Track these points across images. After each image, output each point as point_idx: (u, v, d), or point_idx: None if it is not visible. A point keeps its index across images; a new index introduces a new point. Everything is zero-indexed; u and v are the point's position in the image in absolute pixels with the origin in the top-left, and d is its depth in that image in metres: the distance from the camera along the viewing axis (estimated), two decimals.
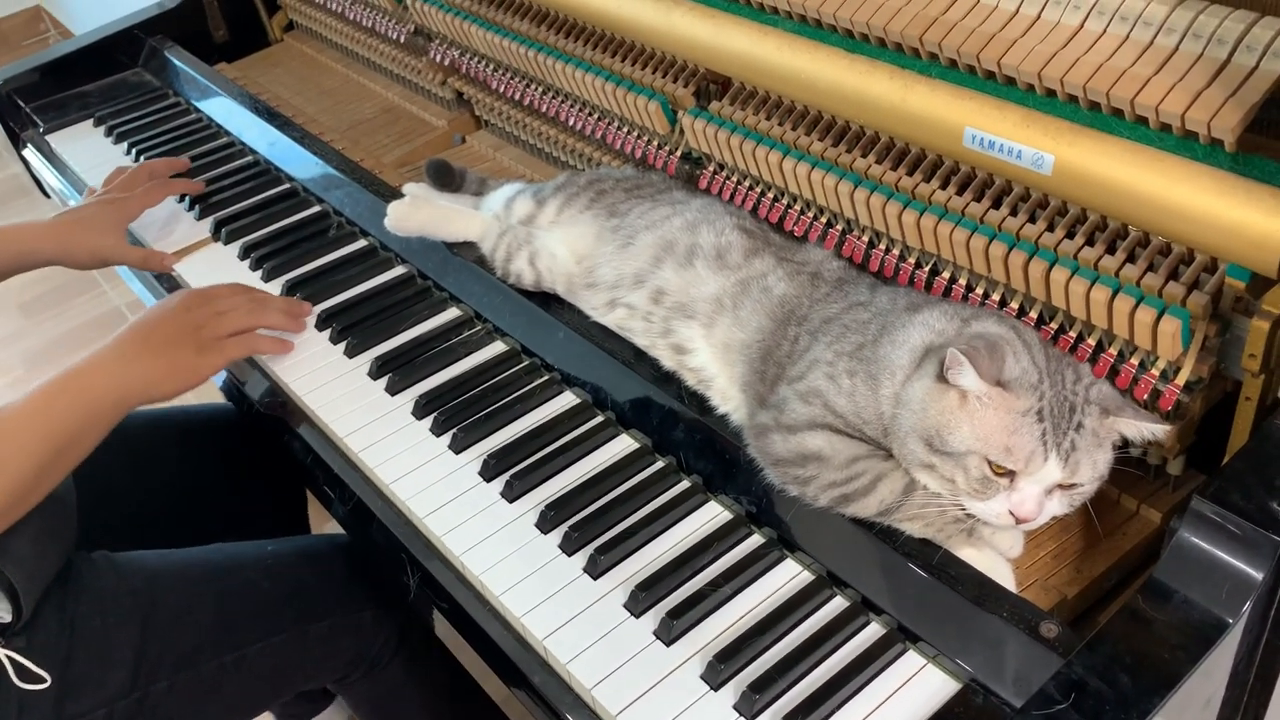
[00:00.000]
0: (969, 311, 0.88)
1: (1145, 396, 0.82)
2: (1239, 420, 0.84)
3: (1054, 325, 0.87)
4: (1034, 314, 0.88)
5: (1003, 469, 0.79)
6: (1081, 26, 0.78)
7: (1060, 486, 0.80)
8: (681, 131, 1.11)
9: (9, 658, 0.96)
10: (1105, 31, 0.77)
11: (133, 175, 1.42)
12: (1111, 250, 0.81)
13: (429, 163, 1.29)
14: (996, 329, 0.84)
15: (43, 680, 0.98)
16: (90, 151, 1.64)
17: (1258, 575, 0.70)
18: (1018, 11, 0.81)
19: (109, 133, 1.67)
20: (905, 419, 0.83)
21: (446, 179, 1.29)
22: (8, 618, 0.96)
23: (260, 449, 1.37)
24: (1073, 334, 0.86)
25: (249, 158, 1.55)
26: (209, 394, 1.42)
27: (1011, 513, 0.80)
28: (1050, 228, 0.83)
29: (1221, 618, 0.71)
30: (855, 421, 0.86)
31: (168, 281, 1.37)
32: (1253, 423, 0.82)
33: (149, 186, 1.40)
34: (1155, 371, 0.82)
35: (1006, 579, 0.82)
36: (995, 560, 0.83)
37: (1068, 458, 0.79)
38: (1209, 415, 0.86)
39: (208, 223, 1.42)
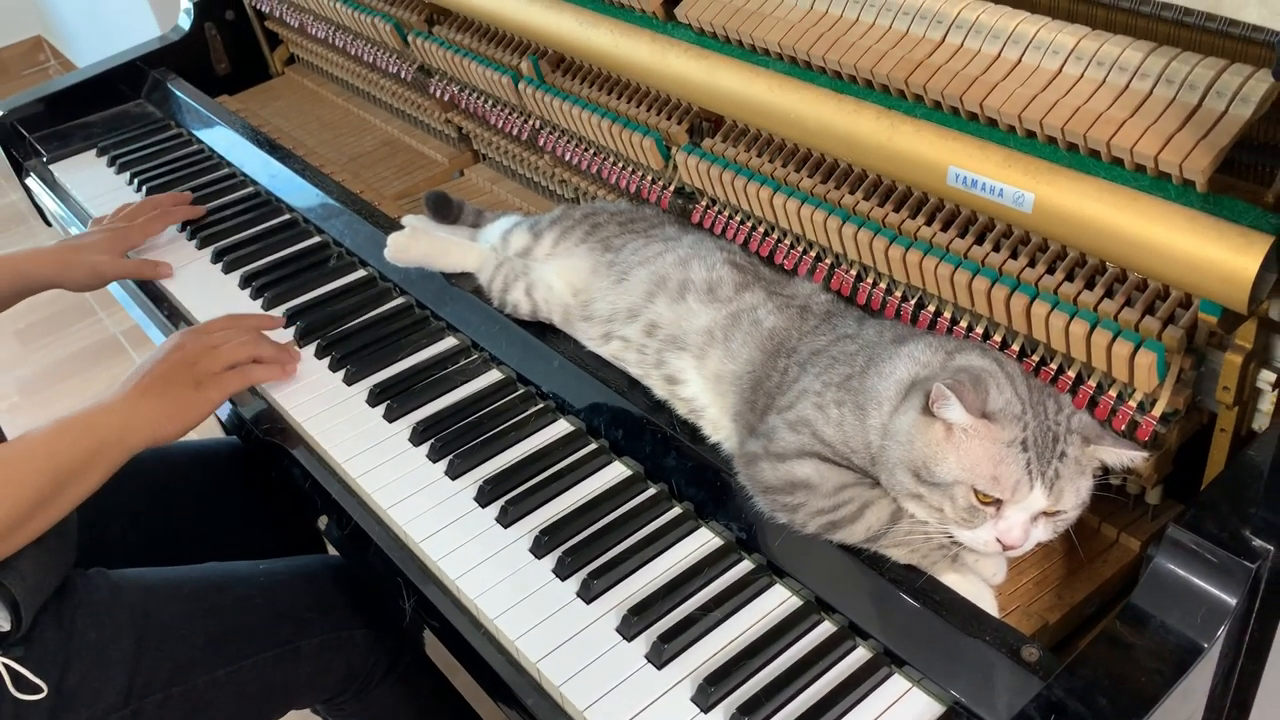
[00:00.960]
0: (953, 344, 0.90)
1: (1123, 427, 0.85)
2: (1215, 451, 0.86)
3: (1035, 358, 0.90)
4: (1016, 347, 0.91)
5: (989, 498, 0.81)
6: (1060, 71, 0.81)
7: (1044, 514, 0.82)
8: (675, 167, 1.14)
9: (6, 666, 0.97)
10: (1083, 76, 0.80)
11: (137, 208, 1.46)
12: (1090, 285, 0.83)
13: (428, 195, 1.32)
14: (980, 361, 0.86)
15: (39, 690, 0.99)
16: (93, 181, 1.67)
17: (1231, 601, 0.72)
18: (999, 56, 0.84)
19: (111, 163, 1.70)
20: (893, 451, 0.85)
21: (445, 211, 1.32)
22: (6, 626, 0.98)
23: (265, 478, 1.39)
24: (1054, 366, 0.89)
25: (250, 189, 1.58)
26: (210, 429, 1.45)
27: (998, 540, 0.82)
28: (1032, 264, 0.86)
29: (1197, 642, 0.73)
30: (843, 450, 0.88)
31: (167, 308, 1.39)
32: (1228, 453, 0.85)
33: (150, 216, 1.44)
34: (1133, 403, 0.84)
35: (990, 605, 0.84)
36: (979, 586, 0.85)
37: (1052, 485, 0.81)
38: (1186, 446, 0.89)
39: (208, 252, 1.45)
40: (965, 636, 0.81)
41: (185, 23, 1.89)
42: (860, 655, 0.85)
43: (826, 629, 0.87)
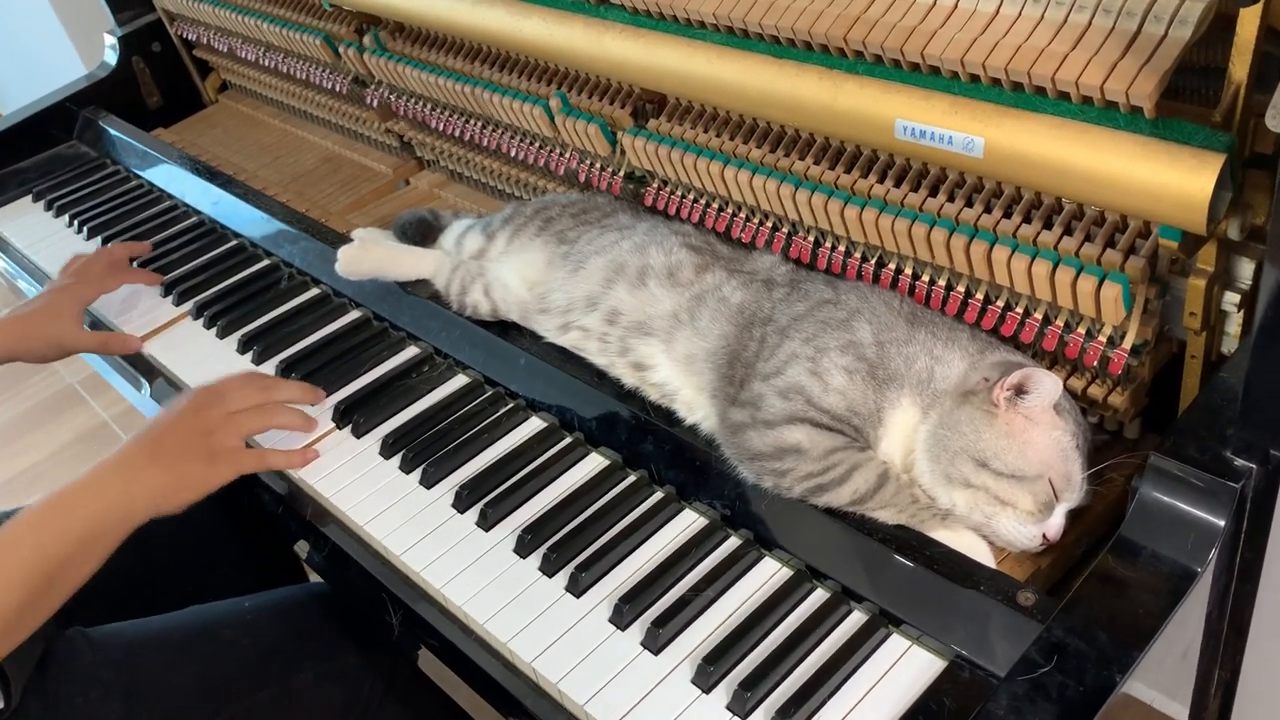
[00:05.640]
0: (969, 331, 0.91)
1: (1095, 363, 0.85)
2: (1187, 379, 0.86)
3: (1000, 304, 0.89)
4: (980, 295, 0.90)
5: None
6: (997, 12, 0.80)
7: None
8: (623, 152, 1.13)
9: None
10: (1020, 14, 0.79)
11: (90, 260, 1.37)
12: (1049, 225, 0.83)
13: (401, 224, 1.28)
14: (1017, 357, 0.88)
15: None
16: (32, 227, 1.63)
17: (1220, 523, 0.72)
18: (935, 3, 0.84)
19: (49, 207, 1.66)
20: (952, 440, 0.84)
21: (427, 233, 1.29)
22: (0, 704, 0.95)
23: (237, 506, 1.36)
24: (1019, 311, 0.88)
25: (194, 219, 1.55)
26: None
27: (1044, 535, 0.83)
28: (987, 209, 0.86)
29: (1190, 567, 0.73)
30: (844, 415, 0.87)
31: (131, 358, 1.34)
32: (1200, 379, 0.85)
33: (105, 272, 1.35)
34: (1102, 339, 0.84)
35: (985, 556, 0.84)
36: (972, 539, 0.85)
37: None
38: (1159, 378, 0.89)
39: (157, 286, 1.41)
40: (960, 589, 0.80)
41: (111, 58, 1.86)
42: (856, 619, 0.84)
43: (820, 596, 0.86)
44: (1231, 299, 0.81)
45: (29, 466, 2.51)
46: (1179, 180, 0.71)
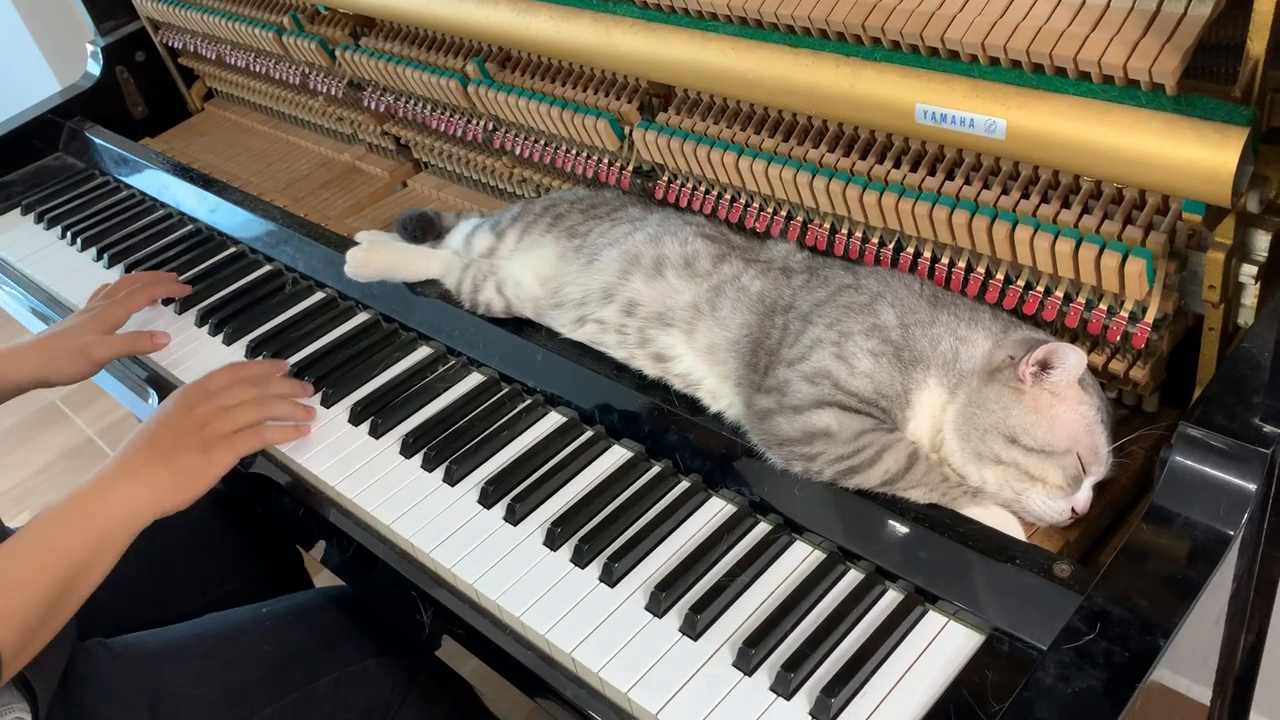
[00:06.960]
0: (991, 310, 0.92)
1: (1118, 339, 0.86)
2: (1205, 350, 0.88)
3: (1021, 283, 0.91)
4: (1000, 275, 0.92)
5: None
6: None
7: None
8: (632, 146, 1.13)
9: None
10: None
11: (115, 286, 1.35)
12: (1067, 204, 0.85)
13: (402, 221, 1.29)
14: (1039, 335, 0.89)
15: None
16: (24, 240, 1.61)
17: (1251, 487, 0.74)
18: None
19: (39, 219, 1.64)
20: (982, 418, 0.86)
21: (430, 228, 1.29)
22: (28, 719, 0.94)
23: (247, 514, 1.36)
24: (1040, 290, 0.90)
25: (190, 226, 1.54)
26: None
27: (1072, 509, 0.85)
28: (1005, 191, 0.87)
29: (1224, 532, 0.74)
30: (872, 398, 0.89)
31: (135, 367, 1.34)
32: (1218, 351, 0.87)
33: (131, 291, 1.32)
34: (1124, 314, 0.85)
35: (1016, 530, 0.85)
36: (1003, 515, 0.86)
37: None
38: (1175, 352, 0.90)
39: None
40: (994, 563, 0.81)
41: (95, 69, 1.84)
42: (892, 598, 0.85)
43: (854, 577, 0.88)
44: (1249, 271, 0.82)
45: (14, 485, 2.48)
46: (1204, 155, 0.72)
